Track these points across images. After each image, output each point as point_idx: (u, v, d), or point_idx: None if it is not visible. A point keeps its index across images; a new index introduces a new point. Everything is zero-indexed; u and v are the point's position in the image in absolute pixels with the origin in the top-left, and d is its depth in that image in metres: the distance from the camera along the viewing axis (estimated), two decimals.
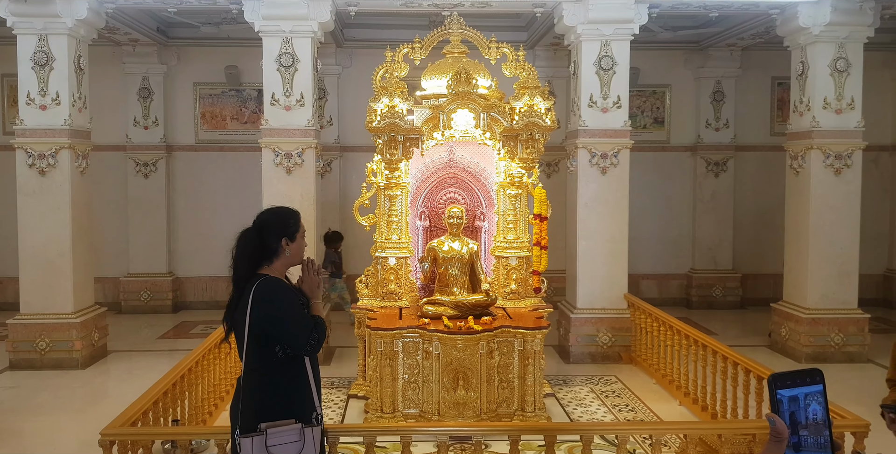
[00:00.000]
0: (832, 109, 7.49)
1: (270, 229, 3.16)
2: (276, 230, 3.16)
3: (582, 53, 7.48)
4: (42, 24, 7.10)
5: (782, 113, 10.27)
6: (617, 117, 7.51)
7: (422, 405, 5.50)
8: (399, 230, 6.01)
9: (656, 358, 6.75)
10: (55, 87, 7.18)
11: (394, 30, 9.39)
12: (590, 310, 7.57)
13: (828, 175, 7.52)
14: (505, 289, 6.09)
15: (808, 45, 7.56)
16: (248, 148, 9.59)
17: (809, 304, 7.56)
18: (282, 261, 3.18)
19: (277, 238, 3.15)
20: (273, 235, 3.15)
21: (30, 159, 7.21)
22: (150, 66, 9.94)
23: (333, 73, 10.10)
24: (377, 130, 5.65)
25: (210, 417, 5.47)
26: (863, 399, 6.04)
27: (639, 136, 9.63)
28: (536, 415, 5.52)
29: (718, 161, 10.39)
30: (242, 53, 9.65)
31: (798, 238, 7.76)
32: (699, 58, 10.29)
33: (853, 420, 3.78)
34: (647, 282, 10.45)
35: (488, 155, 6.14)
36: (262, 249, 3.14)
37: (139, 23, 8.84)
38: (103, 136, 9.35)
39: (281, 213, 3.26)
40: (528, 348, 5.53)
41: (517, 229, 6.06)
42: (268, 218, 3.24)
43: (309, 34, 7.32)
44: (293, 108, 7.36)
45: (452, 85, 5.68)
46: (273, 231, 3.16)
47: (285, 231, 3.17)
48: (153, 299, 10.00)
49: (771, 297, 8.72)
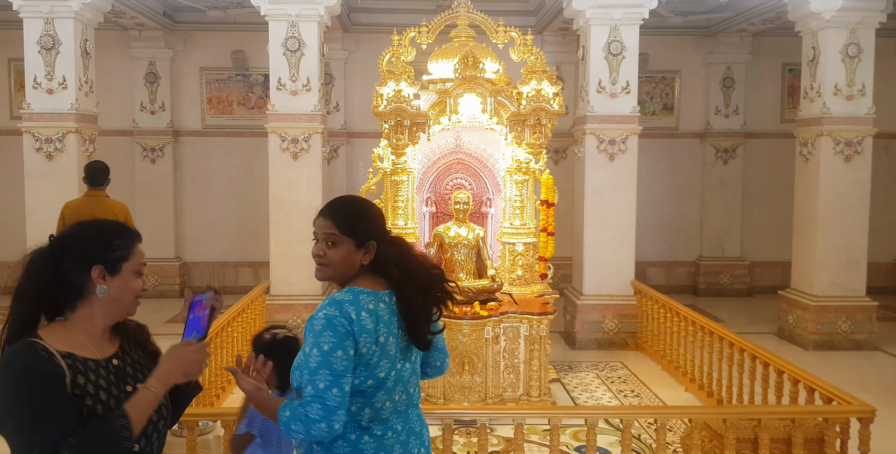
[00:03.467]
0: (843, 96, 7.42)
1: (73, 253, 1.90)
2: (84, 255, 1.90)
3: (590, 38, 7.42)
4: (48, 8, 7.08)
5: (793, 99, 10.18)
6: (625, 103, 7.46)
7: (427, 389, 5.51)
8: (405, 216, 6.00)
9: (662, 344, 6.74)
10: (62, 71, 7.17)
11: (401, 14, 9.32)
12: (596, 297, 7.56)
13: (837, 162, 7.46)
14: (511, 275, 6.07)
15: (820, 31, 7.47)
16: (254, 133, 9.57)
17: (817, 292, 7.53)
18: (91, 309, 1.90)
19: (85, 267, 1.89)
20: (77, 263, 1.89)
21: (37, 143, 7.22)
22: (157, 51, 9.92)
23: (340, 58, 10.06)
24: (383, 115, 5.63)
25: (217, 400, 5.51)
26: (869, 386, 6.04)
27: (648, 122, 9.58)
28: (542, 400, 5.53)
29: (728, 148, 10.33)
30: (249, 38, 9.62)
31: (807, 225, 7.71)
32: (709, 43, 10.20)
33: (859, 406, 3.78)
34: (654, 270, 10.42)
35: (495, 140, 6.11)
36: (57, 285, 1.89)
37: (145, 7, 8.81)
38: (110, 120, 9.37)
39: (97, 228, 2.00)
40: (534, 334, 5.54)
41: (524, 215, 6.03)
42: (74, 234, 1.97)
43: (315, 18, 7.29)
44: (299, 92, 7.34)
45: (459, 69, 5.64)
46: (78, 256, 1.90)
47: (100, 256, 1.90)
48: (161, 284, 10.02)
49: (779, 285, 8.68)
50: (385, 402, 2.19)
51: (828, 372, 5.85)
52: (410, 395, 2.28)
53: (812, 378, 4.21)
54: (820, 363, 6.84)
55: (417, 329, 2.22)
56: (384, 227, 2.29)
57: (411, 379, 2.27)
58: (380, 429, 2.19)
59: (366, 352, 2.12)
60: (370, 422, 2.18)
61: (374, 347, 2.13)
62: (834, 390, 3.97)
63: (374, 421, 2.18)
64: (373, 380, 2.14)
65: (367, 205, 2.32)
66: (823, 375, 4.47)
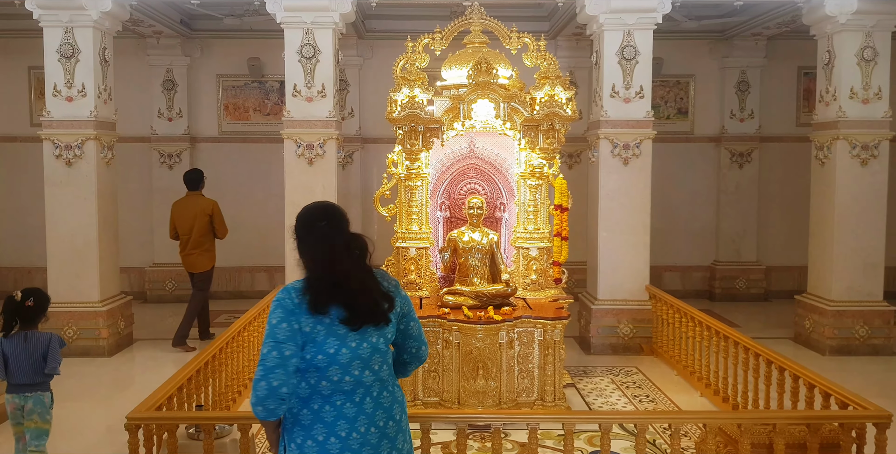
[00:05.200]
0: (859, 99, 7.38)
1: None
2: None
3: (604, 43, 7.44)
4: (68, 17, 7.19)
5: (808, 103, 10.14)
6: (639, 107, 7.46)
7: (442, 394, 5.54)
8: (419, 221, 6.03)
9: (677, 349, 6.72)
10: (81, 79, 7.28)
11: (416, 21, 9.39)
12: (611, 302, 7.55)
13: (854, 165, 7.42)
14: (525, 279, 6.09)
15: (835, 34, 7.45)
16: (270, 139, 9.65)
17: (834, 296, 7.48)
18: None
19: None
20: None
21: (56, 150, 7.32)
22: (174, 59, 10.03)
23: (355, 64, 10.13)
24: (397, 121, 5.66)
25: (234, 404, 5.55)
26: (887, 391, 6.00)
27: (662, 126, 9.57)
28: (556, 405, 5.53)
29: (743, 152, 10.28)
30: (265, 45, 9.70)
31: (823, 229, 7.67)
32: (724, 47, 10.18)
33: (875, 411, 3.76)
34: (670, 274, 10.39)
35: (509, 145, 6.13)
36: None
37: (163, 15, 8.91)
38: (129, 127, 9.48)
39: None
40: (548, 338, 5.54)
41: (538, 220, 6.05)
42: None
43: (330, 25, 7.35)
44: (314, 99, 7.40)
45: (472, 75, 5.67)
46: None
47: None
48: (178, 289, 10.09)
49: (796, 290, 8.63)
50: (344, 376, 2.54)
51: (845, 377, 5.82)
52: (375, 372, 2.60)
53: (827, 383, 4.19)
54: (837, 368, 6.80)
55: (357, 306, 2.56)
56: (302, 227, 2.76)
57: (373, 357, 2.59)
58: (340, 400, 2.54)
59: (309, 330, 2.52)
60: (331, 394, 2.54)
61: (318, 327, 2.52)
62: (849, 395, 3.95)
63: (336, 393, 2.54)
64: (322, 355, 2.51)
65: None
66: (840, 381, 4.45)
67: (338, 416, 2.53)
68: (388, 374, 2.67)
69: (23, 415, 4.19)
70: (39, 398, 4.21)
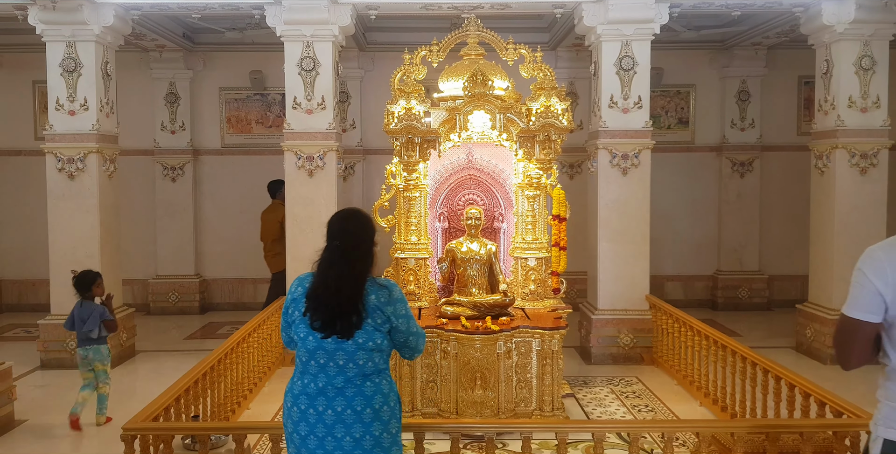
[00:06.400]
0: (857, 108, 7.40)
1: None
2: None
3: (602, 54, 7.48)
4: (70, 32, 7.27)
5: (809, 112, 10.13)
6: (638, 118, 7.48)
7: (440, 404, 5.54)
8: (418, 231, 6.06)
9: (677, 359, 6.71)
10: (83, 93, 7.35)
11: (416, 33, 9.45)
12: (611, 312, 7.55)
13: (853, 174, 7.42)
14: (523, 289, 6.10)
15: (833, 44, 7.47)
16: (272, 151, 9.69)
17: (835, 305, 7.44)
18: None
19: None
20: None
21: (59, 163, 7.39)
22: (177, 72, 10.12)
23: (356, 76, 10.19)
24: (394, 132, 5.70)
25: (233, 415, 5.56)
26: None
27: (663, 136, 9.59)
28: (554, 415, 5.53)
29: (744, 161, 10.29)
30: (266, 58, 9.78)
31: (823, 238, 7.66)
32: (724, 57, 10.21)
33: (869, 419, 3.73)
34: (672, 284, 10.38)
35: (506, 156, 6.16)
36: None
37: (165, 29, 9.01)
38: (132, 140, 9.57)
39: None
40: (546, 348, 5.54)
41: (536, 230, 6.07)
42: None
43: (330, 38, 7.41)
44: (314, 111, 7.45)
45: (468, 86, 5.71)
46: None
47: None
48: (181, 301, 10.16)
49: (798, 299, 8.60)
50: (309, 360, 2.88)
51: (845, 386, 5.78)
52: (341, 367, 2.85)
53: (822, 391, 4.19)
54: (838, 377, 6.75)
55: (328, 321, 2.83)
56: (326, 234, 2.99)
57: (337, 353, 2.84)
58: (308, 378, 2.88)
59: (290, 312, 2.97)
60: (304, 370, 2.90)
61: (295, 313, 2.93)
62: (844, 403, 3.94)
63: (306, 372, 2.89)
64: (295, 336, 2.92)
65: None
66: (840, 390, 4.44)
67: (301, 391, 2.88)
68: (354, 374, 2.86)
69: (89, 363, 5.68)
70: (97, 349, 5.72)
